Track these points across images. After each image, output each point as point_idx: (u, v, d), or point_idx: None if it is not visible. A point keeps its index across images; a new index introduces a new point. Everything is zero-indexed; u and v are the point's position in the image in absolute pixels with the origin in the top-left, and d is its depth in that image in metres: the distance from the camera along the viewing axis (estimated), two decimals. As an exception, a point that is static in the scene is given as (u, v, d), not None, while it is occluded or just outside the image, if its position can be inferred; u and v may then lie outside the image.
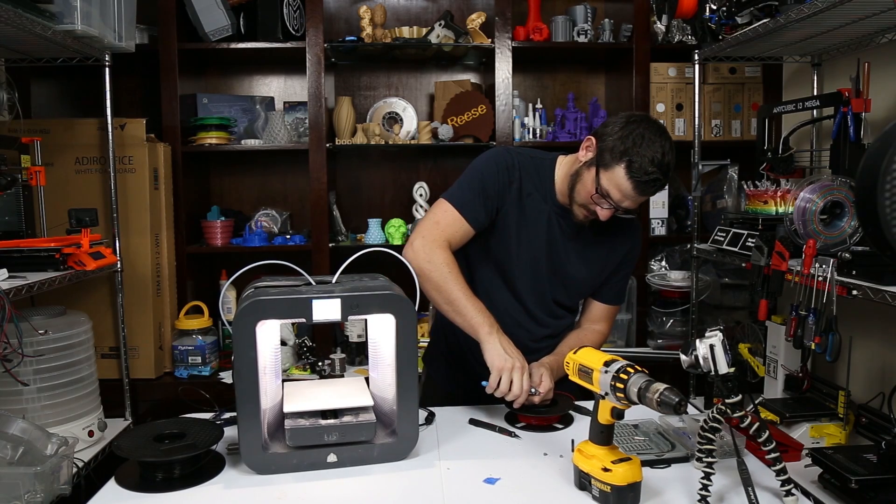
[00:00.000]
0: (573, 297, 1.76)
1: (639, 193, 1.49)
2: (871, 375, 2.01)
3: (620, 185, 1.48)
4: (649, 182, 1.47)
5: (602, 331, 1.77)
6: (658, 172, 1.46)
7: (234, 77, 3.02)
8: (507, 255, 1.67)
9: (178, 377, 2.51)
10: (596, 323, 1.77)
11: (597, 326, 1.77)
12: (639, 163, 1.45)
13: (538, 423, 1.56)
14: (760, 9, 1.93)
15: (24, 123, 2.36)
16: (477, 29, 2.69)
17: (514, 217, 1.64)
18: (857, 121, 1.84)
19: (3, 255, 1.81)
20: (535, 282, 1.70)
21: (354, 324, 2.57)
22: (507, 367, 1.48)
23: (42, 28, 1.81)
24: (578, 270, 1.69)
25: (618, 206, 1.52)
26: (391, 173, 3.07)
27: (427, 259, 1.56)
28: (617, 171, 1.48)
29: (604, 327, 1.78)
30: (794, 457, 1.61)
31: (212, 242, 2.74)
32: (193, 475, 1.32)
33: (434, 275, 1.56)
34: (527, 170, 1.65)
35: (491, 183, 1.61)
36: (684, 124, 2.81)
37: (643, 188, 1.48)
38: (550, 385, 1.57)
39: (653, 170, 1.46)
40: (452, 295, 1.55)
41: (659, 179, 1.47)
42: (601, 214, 1.54)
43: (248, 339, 1.28)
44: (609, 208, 1.53)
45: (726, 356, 1.18)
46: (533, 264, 1.68)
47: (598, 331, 1.77)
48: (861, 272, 1.48)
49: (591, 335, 1.75)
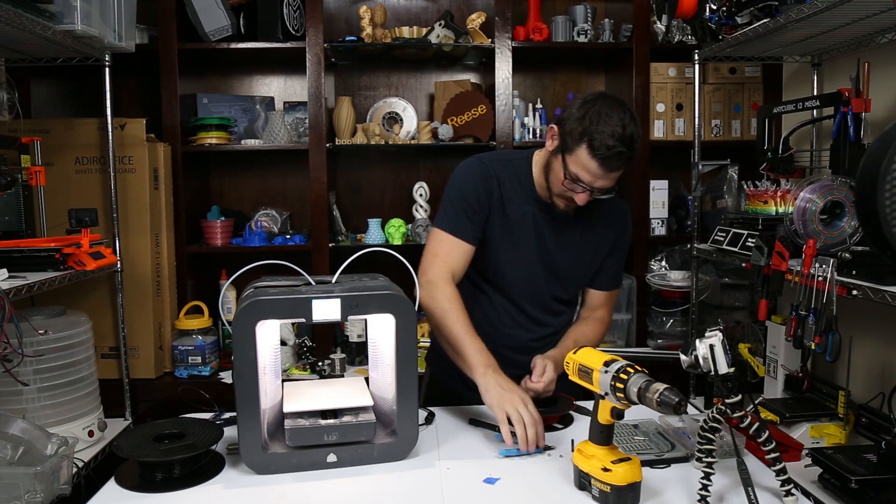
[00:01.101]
0: (570, 290, 1.76)
1: (606, 170, 1.49)
2: (871, 375, 2.01)
3: (587, 165, 1.49)
4: (613, 157, 1.46)
5: (602, 318, 1.78)
6: (621, 145, 1.46)
7: (234, 77, 3.02)
8: (497, 263, 1.69)
9: (178, 377, 2.51)
10: (595, 310, 1.78)
11: (597, 314, 1.78)
12: (599, 140, 1.46)
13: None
14: (760, 9, 1.93)
15: (24, 123, 2.36)
16: (477, 29, 2.69)
17: (499, 225, 1.66)
18: (857, 121, 1.84)
19: (3, 255, 1.81)
20: (529, 284, 1.70)
21: (354, 324, 2.57)
22: (507, 401, 1.43)
23: (42, 28, 1.81)
24: (571, 264, 1.70)
25: (591, 188, 1.52)
26: (391, 173, 3.07)
27: (430, 296, 1.59)
28: (580, 153, 1.48)
29: (604, 313, 1.78)
30: (794, 457, 1.61)
31: (212, 242, 2.74)
32: (193, 475, 1.32)
33: (436, 312, 1.59)
34: (503, 176, 1.66)
35: (473, 197, 1.63)
36: (684, 124, 2.81)
37: (609, 164, 1.48)
38: (553, 376, 1.57)
39: (614, 144, 1.45)
40: (451, 333, 1.57)
41: (623, 152, 1.46)
42: (578, 200, 1.55)
43: (247, 339, 1.28)
44: (584, 191, 1.53)
45: (726, 356, 1.18)
46: (525, 267, 1.69)
47: (599, 318, 1.77)
48: (861, 272, 1.48)
49: (593, 324, 1.76)
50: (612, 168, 1.49)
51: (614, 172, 1.50)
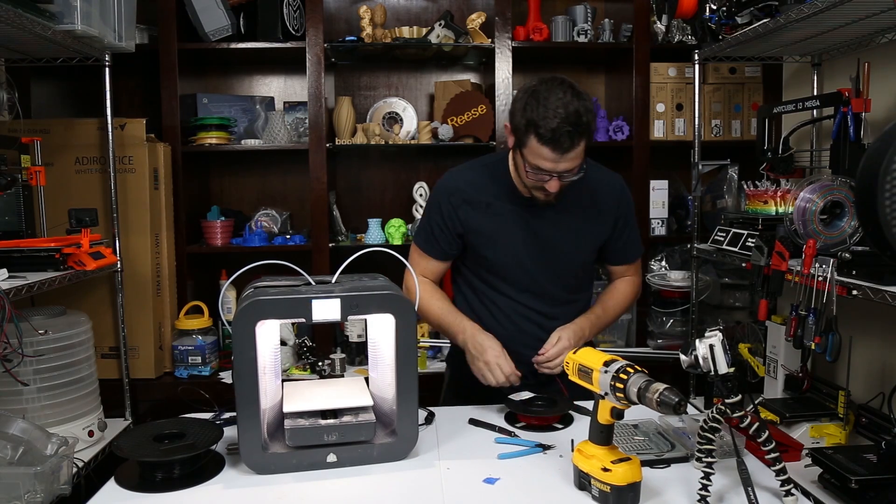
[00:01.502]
0: (577, 276, 1.77)
1: (561, 153, 1.49)
2: (871, 375, 2.01)
3: (541, 153, 1.50)
4: (562, 138, 1.47)
5: (632, 279, 1.86)
6: (565, 125, 1.46)
7: (234, 77, 3.02)
8: (493, 267, 1.73)
9: (178, 377, 2.51)
10: (623, 276, 1.86)
11: (626, 279, 1.86)
12: (544, 126, 1.46)
13: (538, 423, 1.56)
14: (760, 9, 1.93)
15: (24, 123, 2.36)
16: (477, 29, 2.69)
17: (485, 231, 1.70)
18: (857, 121, 1.84)
19: (3, 255, 1.81)
20: (530, 278, 1.72)
21: (354, 324, 2.57)
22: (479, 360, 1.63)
23: (42, 28, 1.81)
24: (571, 250, 1.72)
25: (555, 174, 1.53)
26: (391, 173, 3.07)
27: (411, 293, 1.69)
28: (532, 144, 1.50)
29: (631, 275, 1.86)
30: (794, 457, 1.61)
31: (212, 242, 2.74)
32: (193, 475, 1.32)
33: (420, 308, 1.70)
34: (476, 184, 1.71)
35: (437, 216, 1.72)
36: (684, 124, 2.81)
37: (560, 146, 1.48)
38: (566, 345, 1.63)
39: (559, 124, 1.46)
40: (435, 316, 1.75)
41: (569, 131, 1.46)
42: (550, 188, 1.55)
43: (247, 339, 1.28)
44: (551, 178, 1.54)
45: (726, 356, 1.18)
46: (522, 266, 1.71)
47: (629, 279, 1.85)
48: (861, 272, 1.48)
49: (622, 284, 1.85)
50: (564, 149, 1.49)
51: (571, 152, 1.50)
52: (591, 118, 1.50)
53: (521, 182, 1.64)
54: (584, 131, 1.49)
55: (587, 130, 1.49)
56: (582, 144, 1.50)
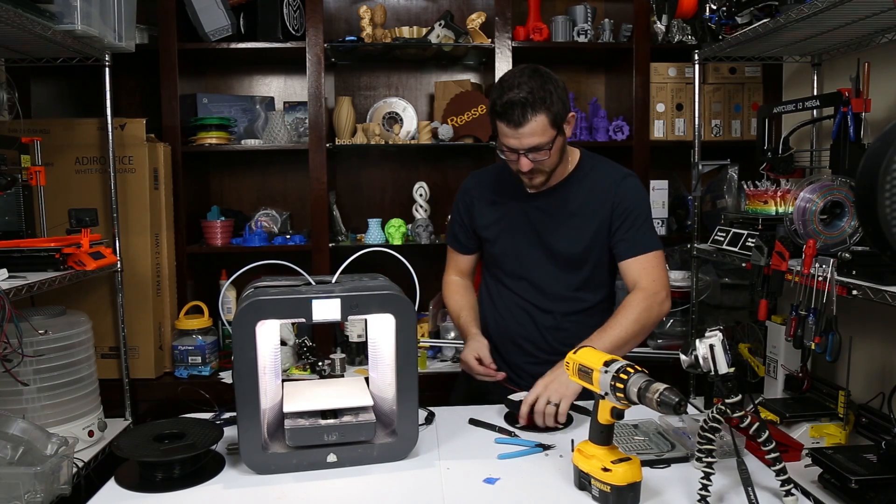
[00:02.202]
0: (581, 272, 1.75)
1: (516, 125, 1.56)
2: (871, 375, 2.01)
3: (502, 131, 1.60)
4: (513, 108, 1.54)
5: (643, 286, 1.66)
6: (513, 94, 1.54)
7: (234, 77, 3.01)
8: (497, 261, 1.82)
9: (178, 377, 2.51)
10: (634, 285, 1.69)
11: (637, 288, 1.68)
12: (499, 103, 1.57)
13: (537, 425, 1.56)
14: (760, 9, 1.93)
15: (24, 123, 2.35)
16: (477, 29, 2.69)
17: (491, 225, 1.81)
18: (857, 121, 1.84)
19: (3, 255, 1.81)
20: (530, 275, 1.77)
21: (354, 324, 2.57)
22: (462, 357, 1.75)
23: (42, 28, 1.81)
24: (570, 244, 1.74)
25: (521, 151, 1.59)
26: (391, 173, 3.07)
27: (443, 290, 1.98)
28: (497, 126, 1.61)
29: (645, 282, 1.67)
30: (794, 457, 1.61)
31: (212, 242, 2.74)
32: (193, 475, 1.32)
33: (443, 298, 1.97)
34: (487, 183, 1.84)
35: (456, 214, 1.90)
36: (684, 124, 2.81)
37: (512, 117, 1.55)
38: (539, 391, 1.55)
39: (508, 97, 1.54)
40: (451, 315, 1.95)
41: (517, 101, 1.53)
42: (521, 167, 1.62)
43: (247, 339, 1.28)
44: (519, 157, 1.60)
45: (726, 356, 1.18)
46: (521, 260, 1.77)
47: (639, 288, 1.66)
48: (861, 272, 1.48)
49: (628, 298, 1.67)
50: (518, 121, 1.55)
51: (525, 126, 1.56)
52: (550, 96, 1.56)
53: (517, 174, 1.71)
54: (538, 106, 1.55)
55: (542, 105, 1.55)
56: (539, 120, 1.55)
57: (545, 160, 1.61)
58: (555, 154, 1.63)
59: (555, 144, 1.60)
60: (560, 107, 1.58)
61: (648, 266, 1.69)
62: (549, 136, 1.58)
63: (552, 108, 1.56)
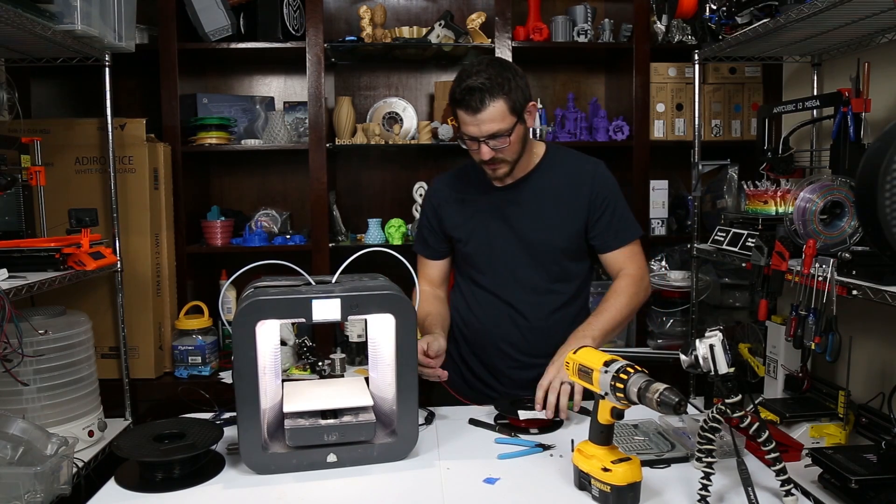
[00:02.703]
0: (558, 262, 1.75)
1: (473, 111, 1.56)
2: (871, 375, 2.01)
3: (461, 119, 1.60)
4: (470, 94, 1.55)
5: (629, 273, 1.73)
6: (471, 81, 1.55)
7: (234, 77, 3.02)
8: (471, 260, 1.80)
9: (178, 377, 2.51)
10: (618, 271, 1.76)
11: (622, 274, 1.74)
12: (458, 90, 1.58)
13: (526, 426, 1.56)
14: (760, 9, 1.93)
15: (24, 123, 2.35)
16: (477, 29, 2.69)
17: (462, 225, 1.79)
18: (857, 121, 1.84)
19: (3, 255, 1.81)
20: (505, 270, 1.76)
21: (354, 324, 2.57)
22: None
23: (42, 28, 1.81)
24: (544, 237, 1.73)
25: (481, 139, 1.59)
26: (391, 173, 3.07)
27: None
28: (458, 114, 1.61)
29: (630, 268, 1.74)
30: (794, 457, 1.61)
31: (212, 242, 2.74)
32: (193, 475, 1.32)
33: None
34: (454, 184, 1.83)
35: (424, 220, 1.87)
36: (684, 124, 2.81)
37: (469, 104, 1.56)
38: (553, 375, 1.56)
39: (465, 84, 1.55)
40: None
41: (474, 87, 1.54)
42: (482, 156, 1.62)
43: (248, 339, 1.28)
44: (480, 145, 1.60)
45: (726, 356, 1.18)
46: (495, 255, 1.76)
47: (625, 273, 1.74)
48: (861, 272, 1.48)
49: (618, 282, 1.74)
50: (476, 107, 1.56)
51: (483, 112, 1.56)
52: (508, 83, 1.57)
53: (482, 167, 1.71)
54: (496, 92, 1.55)
55: (500, 91, 1.56)
56: (497, 105, 1.56)
57: (506, 147, 1.61)
58: (515, 142, 1.62)
59: (515, 132, 1.60)
60: (519, 94, 1.59)
61: (631, 254, 1.76)
62: (509, 122, 1.58)
63: (511, 94, 1.57)
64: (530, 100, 1.64)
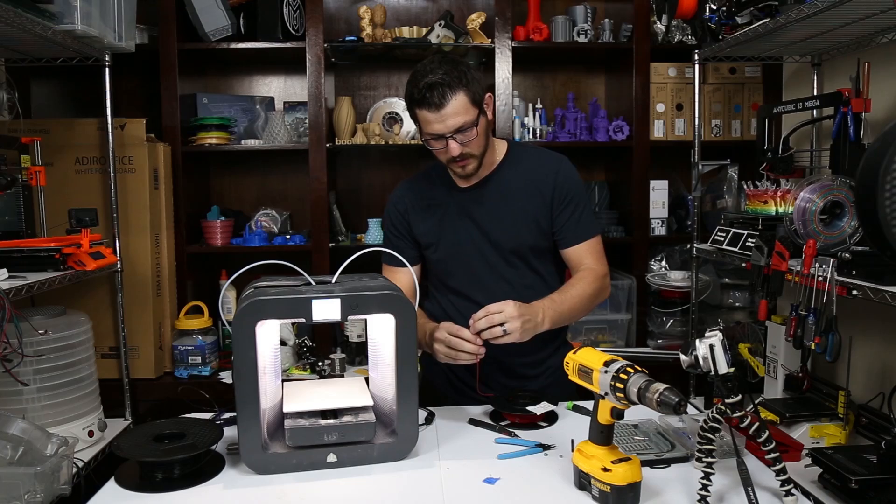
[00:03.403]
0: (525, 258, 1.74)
1: (436, 108, 1.55)
2: (871, 375, 2.01)
3: (423, 118, 1.59)
4: (430, 91, 1.54)
5: (591, 266, 1.72)
6: (429, 78, 1.54)
7: (234, 77, 3.02)
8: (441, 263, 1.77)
9: (178, 377, 2.51)
10: (580, 265, 1.73)
11: (583, 266, 1.73)
12: (416, 90, 1.56)
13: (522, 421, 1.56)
14: (760, 9, 1.93)
15: (24, 123, 2.36)
16: (477, 29, 2.69)
17: (429, 228, 1.76)
18: (857, 121, 1.84)
19: (3, 255, 1.81)
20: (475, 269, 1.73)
21: (354, 324, 2.57)
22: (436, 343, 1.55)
23: (42, 28, 1.81)
24: (512, 233, 1.71)
25: (447, 136, 1.58)
26: (391, 173, 3.07)
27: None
28: (417, 115, 1.60)
29: (591, 262, 1.72)
30: (794, 457, 1.61)
31: (212, 242, 2.74)
32: (193, 475, 1.32)
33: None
34: (417, 190, 1.80)
35: (391, 228, 1.83)
36: (684, 124, 2.81)
37: (430, 101, 1.55)
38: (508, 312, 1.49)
39: (424, 82, 1.54)
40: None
41: (434, 83, 1.53)
42: (451, 152, 1.59)
43: (247, 339, 1.28)
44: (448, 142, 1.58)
45: (726, 356, 1.18)
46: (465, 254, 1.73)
47: (587, 266, 1.72)
48: (861, 272, 1.48)
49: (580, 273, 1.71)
50: (438, 103, 1.55)
51: (446, 107, 1.55)
52: (465, 75, 1.56)
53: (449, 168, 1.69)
54: (456, 85, 1.55)
55: (459, 84, 1.55)
56: (459, 98, 1.55)
57: (473, 140, 1.60)
58: (481, 134, 1.62)
59: (479, 123, 1.60)
60: (477, 87, 1.59)
61: (592, 250, 1.75)
62: (473, 114, 1.58)
63: (470, 86, 1.57)
64: (486, 92, 1.64)
